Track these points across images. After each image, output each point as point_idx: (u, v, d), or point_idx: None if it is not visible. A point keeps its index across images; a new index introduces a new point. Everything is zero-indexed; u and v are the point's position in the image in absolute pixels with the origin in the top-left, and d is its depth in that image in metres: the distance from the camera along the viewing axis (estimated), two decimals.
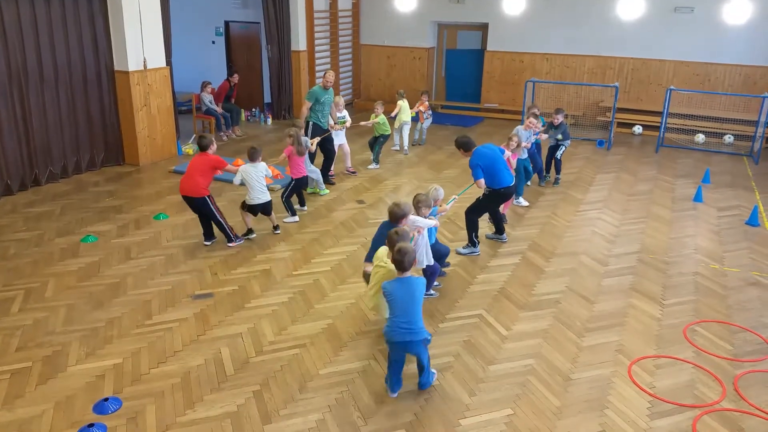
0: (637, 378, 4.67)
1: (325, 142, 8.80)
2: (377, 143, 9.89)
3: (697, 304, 5.85)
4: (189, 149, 10.33)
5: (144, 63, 9.35)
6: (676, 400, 4.43)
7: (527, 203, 8.35)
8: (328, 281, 6.11)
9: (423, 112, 11.23)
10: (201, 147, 6.58)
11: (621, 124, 12.86)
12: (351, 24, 14.97)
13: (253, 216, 7.05)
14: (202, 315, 5.44)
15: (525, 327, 5.36)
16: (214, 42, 14.19)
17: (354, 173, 9.58)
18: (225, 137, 11.52)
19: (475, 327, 5.34)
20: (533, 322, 5.45)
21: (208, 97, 11.38)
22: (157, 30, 9.56)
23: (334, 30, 14.33)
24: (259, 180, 6.81)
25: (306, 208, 8.03)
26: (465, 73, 14.78)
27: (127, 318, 5.37)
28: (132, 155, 9.68)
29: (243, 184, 6.82)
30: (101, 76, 9.17)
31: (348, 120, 9.12)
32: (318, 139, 8.50)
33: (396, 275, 4.35)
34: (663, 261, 6.77)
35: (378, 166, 9.96)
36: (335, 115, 9.03)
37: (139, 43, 9.23)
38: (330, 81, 8.76)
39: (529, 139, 8.33)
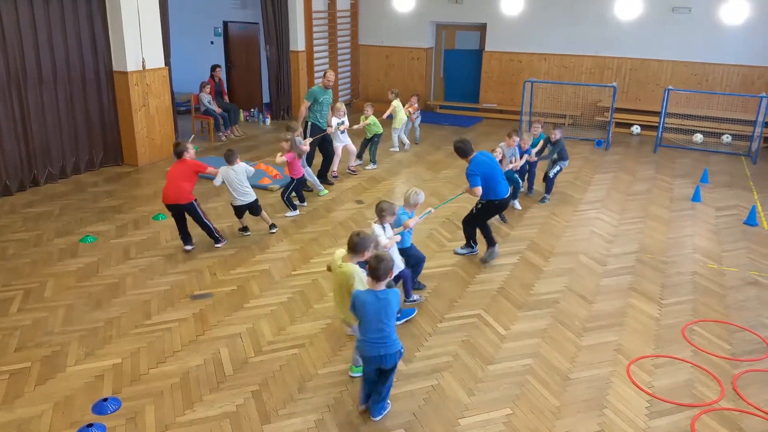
0: (636, 377, 4.68)
1: (325, 143, 8.81)
2: (372, 143, 9.90)
3: (696, 303, 5.86)
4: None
5: (143, 63, 9.35)
6: (674, 399, 4.44)
7: (520, 207, 8.29)
8: (326, 281, 6.10)
9: (412, 113, 11.27)
10: (177, 154, 6.55)
11: (619, 124, 12.87)
12: (349, 24, 14.97)
13: (238, 217, 7.07)
14: (201, 315, 5.45)
15: (524, 327, 5.37)
16: (212, 42, 14.19)
17: (354, 173, 9.60)
18: (224, 137, 11.52)
19: (474, 327, 5.34)
20: (532, 321, 5.46)
21: (206, 98, 11.38)
22: (156, 30, 9.56)
23: (332, 30, 14.33)
24: (241, 182, 6.81)
25: (306, 204, 8.10)
26: (463, 74, 14.78)
27: (126, 318, 5.37)
28: (131, 156, 9.68)
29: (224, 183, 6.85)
30: (100, 76, 9.16)
31: (346, 123, 9.13)
32: (311, 140, 8.51)
33: (359, 279, 4.11)
34: (661, 261, 6.78)
35: (375, 166, 9.97)
36: (330, 119, 9.02)
37: (138, 44, 9.23)
38: (330, 81, 8.77)
39: (514, 155, 8.03)
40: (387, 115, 10.63)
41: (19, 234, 7.06)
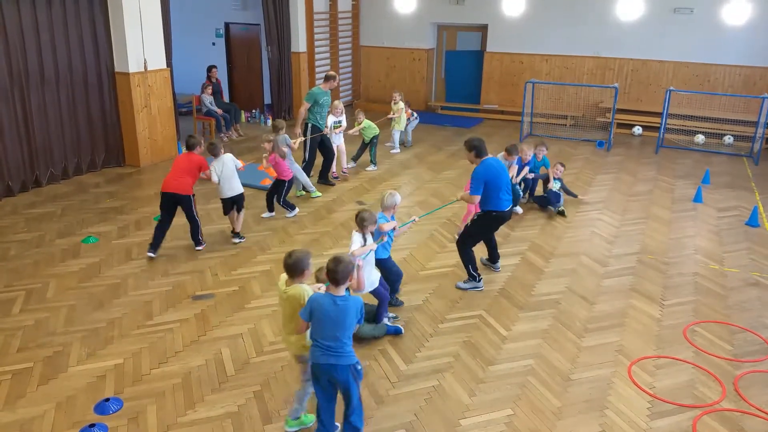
0: (637, 378, 4.68)
1: (324, 143, 8.82)
2: (371, 145, 9.91)
3: (697, 304, 5.86)
4: None
5: (144, 64, 9.37)
6: (676, 400, 4.44)
7: (521, 210, 8.26)
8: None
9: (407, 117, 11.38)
10: (189, 146, 6.60)
11: (621, 124, 12.87)
12: (351, 25, 14.98)
13: (225, 213, 7.05)
14: (202, 315, 5.45)
15: (525, 327, 5.37)
16: (214, 44, 14.21)
17: (337, 178, 9.32)
18: (225, 138, 11.53)
19: (475, 327, 5.35)
20: (533, 322, 5.46)
21: (208, 99, 11.40)
22: (158, 32, 9.58)
23: (333, 31, 14.34)
24: (232, 171, 6.80)
25: (274, 213, 7.86)
26: (464, 74, 14.79)
27: (128, 318, 5.38)
28: (132, 156, 9.69)
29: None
30: (102, 77, 9.18)
31: (344, 124, 9.13)
32: (302, 139, 8.52)
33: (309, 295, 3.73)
34: (663, 261, 6.77)
35: (376, 167, 9.97)
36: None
37: (140, 45, 9.25)
38: (334, 87, 8.84)
39: (512, 166, 7.81)
40: (394, 115, 10.81)
41: (21, 235, 7.08)
